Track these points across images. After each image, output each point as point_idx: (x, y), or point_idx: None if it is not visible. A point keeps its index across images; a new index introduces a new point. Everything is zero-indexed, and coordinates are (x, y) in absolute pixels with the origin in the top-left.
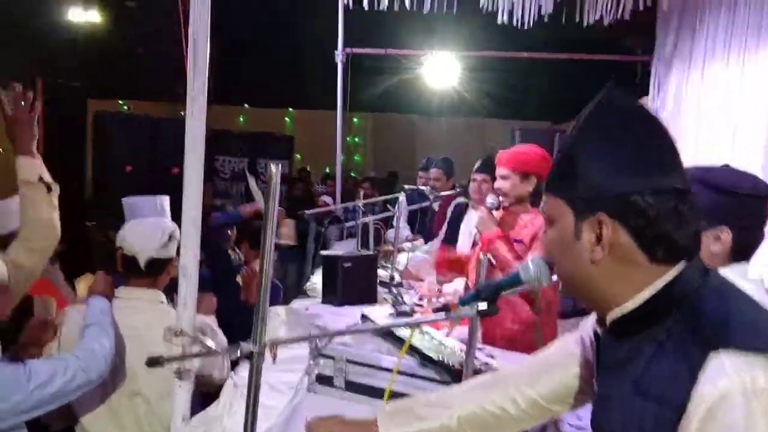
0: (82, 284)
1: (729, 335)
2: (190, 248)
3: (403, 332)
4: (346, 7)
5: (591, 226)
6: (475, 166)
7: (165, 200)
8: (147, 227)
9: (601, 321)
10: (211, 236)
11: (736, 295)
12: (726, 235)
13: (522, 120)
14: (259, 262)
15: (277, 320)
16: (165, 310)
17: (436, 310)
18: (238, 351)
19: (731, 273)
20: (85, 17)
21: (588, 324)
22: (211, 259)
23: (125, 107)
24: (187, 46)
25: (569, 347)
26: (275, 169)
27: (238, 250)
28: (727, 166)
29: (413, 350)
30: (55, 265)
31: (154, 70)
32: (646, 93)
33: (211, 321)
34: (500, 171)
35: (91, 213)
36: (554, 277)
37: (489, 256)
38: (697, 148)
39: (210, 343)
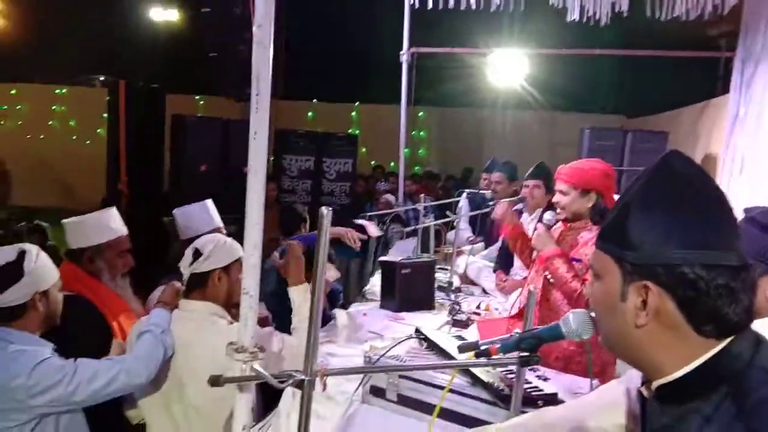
0: None
1: None
2: (251, 269)
3: (454, 347)
4: (411, 7)
5: (637, 291)
6: (528, 172)
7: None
8: (189, 247)
9: (646, 382)
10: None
11: None
12: None
13: (593, 113)
14: (311, 298)
15: (339, 323)
16: (213, 322)
17: (478, 355)
18: (290, 380)
19: None
20: (164, 16)
21: (634, 376)
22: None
23: (201, 102)
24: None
25: (615, 397)
26: (326, 212)
27: None
28: None
29: (465, 370)
30: (125, 279)
31: (227, 71)
32: (728, 90)
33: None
34: (559, 186)
35: (168, 209)
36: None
37: (546, 276)
38: None
39: (268, 356)
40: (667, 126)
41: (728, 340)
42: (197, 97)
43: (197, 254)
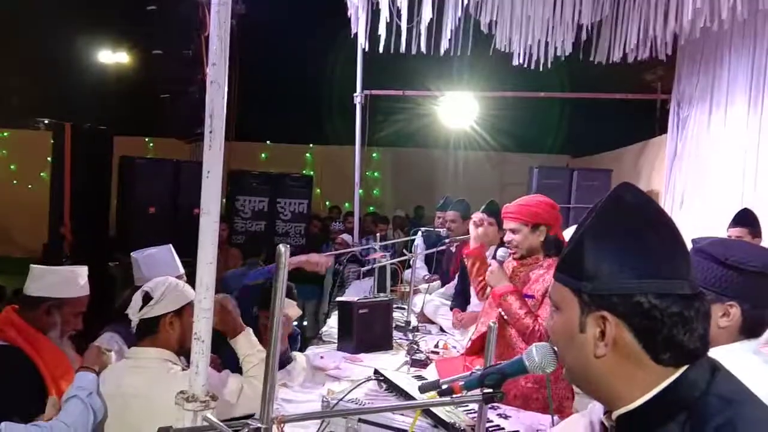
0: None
1: None
2: (203, 312)
3: (415, 388)
4: (363, 51)
5: (595, 321)
6: (480, 210)
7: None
8: (139, 292)
9: (608, 412)
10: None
11: (744, 400)
12: (735, 310)
13: (540, 153)
14: (267, 339)
15: (297, 367)
16: (168, 369)
17: (441, 394)
18: (246, 429)
19: (740, 348)
20: (113, 59)
21: (596, 409)
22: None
23: (150, 144)
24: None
25: (578, 430)
26: (284, 249)
27: None
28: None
29: (426, 411)
30: (68, 340)
31: (178, 112)
32: (665, 131)
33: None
34: (508, 224)
35: (115, 253)
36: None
37: (499, 312)
38: (719, 188)
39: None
40: (611, 164)
41: (685, 367)
42: (147, 139)
43: (147, 298)
